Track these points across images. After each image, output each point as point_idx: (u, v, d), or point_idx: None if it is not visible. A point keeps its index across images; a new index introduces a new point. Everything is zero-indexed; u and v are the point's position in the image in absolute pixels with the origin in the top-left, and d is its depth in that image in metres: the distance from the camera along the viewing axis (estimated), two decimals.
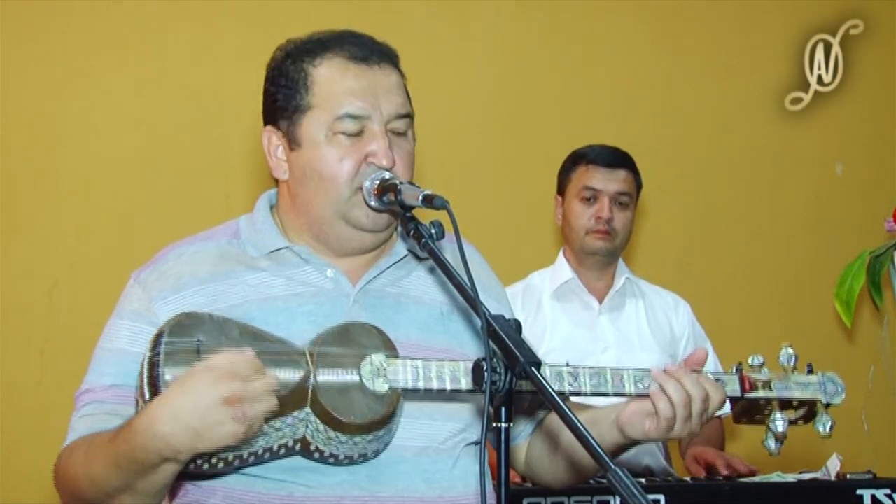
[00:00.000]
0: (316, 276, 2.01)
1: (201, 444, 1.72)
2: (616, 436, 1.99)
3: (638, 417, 1.96)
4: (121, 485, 1.80)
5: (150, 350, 1.81)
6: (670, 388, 1.92)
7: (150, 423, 1.72)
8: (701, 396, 1.93)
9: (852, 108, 4.67)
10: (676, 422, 1.93)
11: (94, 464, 1.83)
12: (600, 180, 3.52)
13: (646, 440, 1.98)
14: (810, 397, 2.06)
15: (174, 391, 1.73)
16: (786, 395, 2.05)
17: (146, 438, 1.73)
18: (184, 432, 1.70)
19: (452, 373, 1.88)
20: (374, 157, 1.96)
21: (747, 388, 2.03)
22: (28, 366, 3.85)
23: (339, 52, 2.01)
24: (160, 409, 1.73)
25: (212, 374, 1.71)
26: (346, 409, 1.82)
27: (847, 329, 4.29)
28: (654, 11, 4.54)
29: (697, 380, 1.94)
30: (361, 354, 1.86)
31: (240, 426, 1.71)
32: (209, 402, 1.69)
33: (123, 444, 1.77)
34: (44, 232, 3.91)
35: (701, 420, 1.95)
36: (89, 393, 1.96)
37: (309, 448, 1.85)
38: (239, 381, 1.71)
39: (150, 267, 2.03)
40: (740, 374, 2.04)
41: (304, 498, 1.89)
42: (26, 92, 3.92)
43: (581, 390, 1.95)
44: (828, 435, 2.07)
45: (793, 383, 2.06)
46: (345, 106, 1.96)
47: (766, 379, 2.05)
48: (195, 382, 1.71)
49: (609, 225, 3.50)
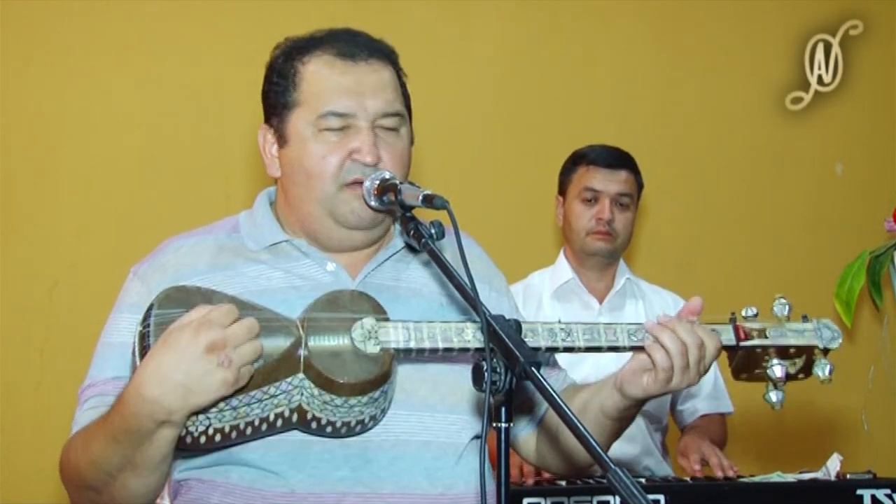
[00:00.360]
0: (315, 269, 2.02)
1: (193, 398, 1.71)
2: (617, 398, 1.99)
3: (636, 375, 1.95)
4: (120, 461, 1.79)
5: (141, 323, 1.81)
6: (665, 337, 1.92)
7: (139, 388, 1.72)
8: (696, 343, 1.92)
9: (852, 108, 4.67)
10: (674, 372, 1.92)
11: (92, 445, 1.82)
12: (601, 181, 3.52)
13: (646, 396, 1.96)
14: (807, 343, 2.04)
15: (156, 352, 1.73)
16: (782, 342, 2.03)
17: (137, 405, 1.72)
18: (173, 391, 1.70)
19: (444, 332, 1.88)
20: (358, 153, 1.96)
21: (742, 337, 2.02)
22: (28, 366, 3.85)
23: (329, 48, 2.02)
24: (145, 372, 1.72)
25: (189, 327, 1.71)
26: (339, 371, 1.83)
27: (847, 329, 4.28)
28: (654, 11, 4.54)
29: (692, 328, 1.94)
30: (352, 319, 1.87)
31: (228, 373, 1.71)
32: (192, 354, 1.70)
33: (117, 417, 1.76)
34: (44, 232, 3.91)
35: (699, 369, 1.94)
36: (92, 387, 1.97)
37: (306, 417, 1.84)
38: (217, 327, 1.71)
39: (148, 261, 2.04)
40: (734, 323, 2.03)
41: (307, 494, 1.89)
42: (26, 92, 3.92)
43: (575, 345, 1.95)
44: (828, 379, 2.04)
45: (788, 331, 2.04)
46: (329, 103, 1.97)
47: (761, 328, 2.03)
48: (174, 339, 1.72)
49: (610, 226, 3.50)
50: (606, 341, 1.96)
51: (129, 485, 1.82)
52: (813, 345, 2.05)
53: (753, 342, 2.02)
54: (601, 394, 2.02)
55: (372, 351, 1.86)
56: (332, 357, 1.84)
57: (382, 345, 1.86)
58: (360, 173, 1.97)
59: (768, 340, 2.03)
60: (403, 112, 2.04)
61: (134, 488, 1.83)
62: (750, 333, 2.03)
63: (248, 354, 1.74)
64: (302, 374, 1.83)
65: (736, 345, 2.02)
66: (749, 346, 2.02)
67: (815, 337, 2.05)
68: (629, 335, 1.97)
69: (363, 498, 1.90)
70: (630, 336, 1.97)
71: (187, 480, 1.97)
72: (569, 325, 1.95)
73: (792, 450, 4.37)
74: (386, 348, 1.86)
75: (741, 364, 2.06)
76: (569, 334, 1.95)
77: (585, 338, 1.95)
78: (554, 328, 1.94)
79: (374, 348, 1.86)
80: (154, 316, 1.80)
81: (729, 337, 2.01)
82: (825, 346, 2.05)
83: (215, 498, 1.93)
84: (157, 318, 1.80)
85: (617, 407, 2.00)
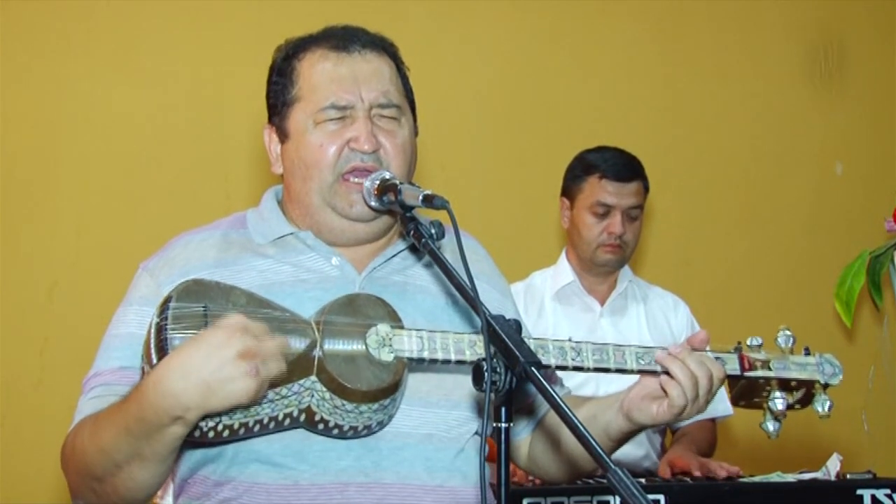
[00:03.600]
0: (321, 262, 2.02)
1: (212, 400, 1.71)
2: (622, 422, 2.00)
3: (644, 402, 1.97)
4: (130, 451, 1.79)
5: (158, 315, 1.81)
6: (677, 369, 1.93)
7: (161, 379, 1.72)
8: (706, 376, 1.95)
9: (852, 108, 4.67)
10: (687, 404, 1.94)
11: (102, 433, 1.82)
12: (614, 195, 3.49)
13: (654, 423, 1.99)
14: (808, 378, 2.08)
15: (186, 347, 1.73)
16: (784, 375, 2.06)
17: (156, 396, 1.72)
18: (195, 387, 1.70)
19: (457, 344, 1.89)
20: (356, 142, 1.97)
21: (746, 367, 2.05)
22: (28, 366, 3.85)
23: (323, 43, 2.04)
24: (171, 365, 1.72)
25: (224, 330, 1.72)
26: (352, 377, 1.83)
27: (847, 329, 4.29)
28: (654, 12, 4.54)
29: (701, 359, 1.96)
30: (367, 324, 1.87)
31: (253, 382, 1.71)
32: (224, 356, 1.69)
33: (133, 405, 1.76)
34: (44, 232, 3.91)
35: (707, 398, 1.97)
36: (97, 377, 1.97)
37: (314, 418, 1.85)
38: (252, 337, 1.72)
39: (157, 256, 2.05)
40: (740, 353, 2.06)
41: (310, 486, 1.89)
42: (26, 92, 3.92)
43: (584, 365, 1.96)
44: (826, 415, 2.08)
45: (791, 364, 2.08)
46: (326, 95, 1.99)
47: (765, 359, 2.06)
48: (208, 338, 1.72)
49: (621, 239, 3.49)
50: (615, 363, 1.97)
51: (136, 476, 1.82)
52: (814, 380, 2.08)
53: (757, 373, 2.05)
54: (606, 414, 2.03)
55: (386, 359, 1.86)
56: (346, 362, 1.84)
57: (396, 353, 1.87)
58: (359, 160, 1.98)
59: (772, 373, 2.06)
60: (402, 102, 2.05)
61: (140, 479, 1.83)
62: (754, 364, 2.06)
63: (274, 371, 1.75)
64: (314, 377, 1.83)
65: (740, 375, 2.05)
66: (753, 376, 2.05)
67: (817, 372, 2.09)
68: (637, 358, 1.98)
69: (364, 487, 1.90)
70: (638, 359, 1.98)
71: (191, 477, 1.98)
72: (579, 345, 1.97)
73: (792, 450, 4.37)
74: (400, 357, 1.87)
75: (742, 392, 2.09)
76: (578, 353, 1.96)
77: (595, 358, 1.97)
78: (564, 346, 1.96)
79: (388, 356, 1.86)
80: (172, 309, 1.80)
81: (734, 367, 2.04)
82: (826, 381, 2.09)
83: (219, 493, 1.93)
84: (175, 311, 1.79)
85: (622, 430, 2.02)
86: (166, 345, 1.77)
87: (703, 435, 3.52)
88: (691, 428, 3.52)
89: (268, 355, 1.73)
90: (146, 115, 4.01)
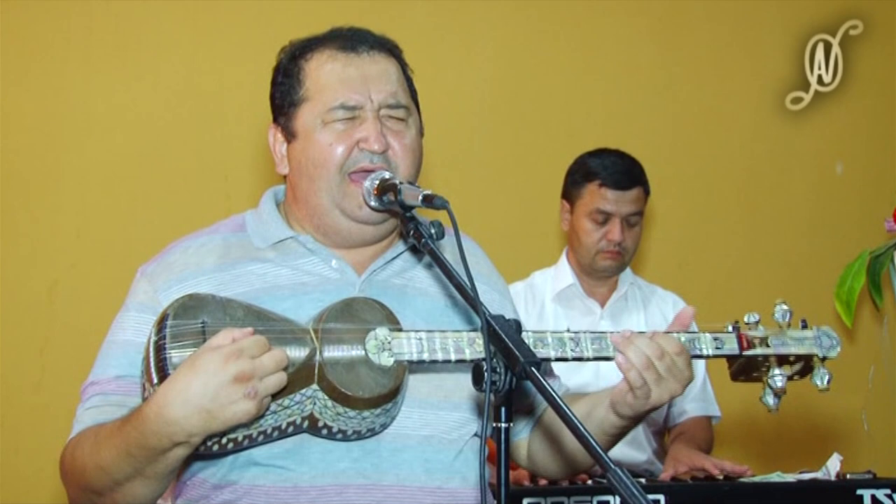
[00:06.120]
0: (321, 266, 2.03)
1: (214, 424, 1.73)
2: (613, 419, 2.02)
3: (623, 395, 1.98)
4: (131, 471, 1.80)
5: (156, 333, 1.81)
6: (629, 351, 1.94)
7: (162, 409, 1.73)
8: (657, 353, 1.94)
9: (852, 108, 4.66)
10: (650, 386, 1.94)
11: (103, 453, 1.83)
12: (613, 202, 3.48)
13: (635, 414, 1.99)
14: (807, 352, 2.09)
15: (183, 374, 1.73)
16: (783, 351, 2.08)
17: (158, 424, 1.74)
18: (196, 415, 1.71)
19: (456, 343, 1.89)
20: (366, 142, 1.97)
21: (745, 345, 2.06)
22: (28, 366, 3.85)
23: (330, 44, 2.04)
24: (170, 393, 1.73)
25: (219, 353, 1.72)
26: (353, 384, 1.83)
27: (847, 329, 4.29)
28: (654, 11, 4.54)
29: (650, 339, 1.95)
30: (365, 329, 1.87)
31: (252, 403, 1.72)
32: (219, 382, 1.71)
33: (134, 432, 1.77)
34: (44, 232, 3.91)
35: (676, 378, 1.95)
36: (94, 385, 1.97)
37: (317, 425, 1.86)
38: (247, 358, 1.72)
39: (156, 261, 2.05)
40: (738, 332, 2.07)
41: (309, 488, 1.90)
42: (26, 92, 3.92)
43: (583, 355, 1.97)
44: (825, 388, 2.09)
45: (789, 339, 2.09)
46: (335, 95, 1.99)
47: (763, 336, 2.07)
48: (203, 363, 1.72)
49: (620, 246, 3.49)
50: (614, 351, 1.97)
51: (136, 492, 1.84)
52: (813, 353, 2.09)
53: (756, 351, 2.06)
54: (599, 411, 2.04)
55: (385, 363, 1.86)
56: (347, 370, 1.84)
57: (396, 357, 1.87)
58: (368, 161, 1.98)
59: (770, 350, 2.07)
60: (409, 103, 2.05)
61: (140, 494, 1.85)
62: (752, 342, 2.07)
63: (273, 386, 1.76)
64: (316, 385, 1.83)
65: (739, 354, 2.06)
66: (751, 355, 2.06)
67: (815, 345, 2.10)
68: None
69: (364, 489, 1.91)
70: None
71: (190, 479, 1.98)
72: (577, 335, 1.97)
73: (792, 450, 4.37)
74: (400, 360, 1.87)
75: (741, 369, 2.10)
76: (577, 344, 1.97)
77: (594, 347, 1.98)
78: (563, 337, 1.96)
79: (388, 360, 1.86)
80: (169, 326, 1.80)
81: (732, 346, 2.05)
82: (824, 354, 2.10)
83: (218, 496, 1.93)
84: (173, 329, 1.80)
85: (615, 426, 2.03)
86: (166, 364, 1.78)
87: (701, 433, 3.52)
88: (689, 426, 3.53)
89: (265, 373, 1.74)
90: (146, 115, 4.01)
